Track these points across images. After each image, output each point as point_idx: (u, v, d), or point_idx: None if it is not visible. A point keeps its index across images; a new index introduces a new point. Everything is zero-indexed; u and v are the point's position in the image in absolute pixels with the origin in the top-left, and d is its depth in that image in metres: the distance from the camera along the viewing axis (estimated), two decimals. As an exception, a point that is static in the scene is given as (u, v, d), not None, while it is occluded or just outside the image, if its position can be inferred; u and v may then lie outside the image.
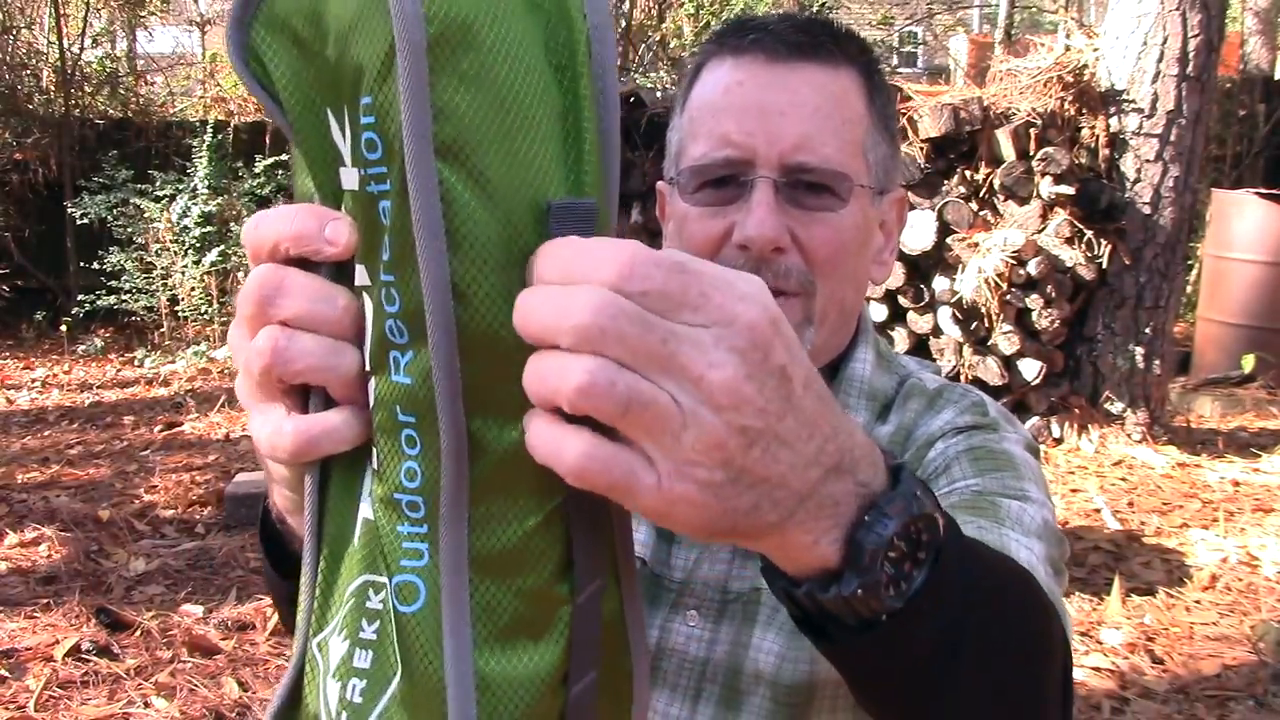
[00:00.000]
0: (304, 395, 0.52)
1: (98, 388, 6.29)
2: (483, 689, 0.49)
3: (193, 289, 6.90)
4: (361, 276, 0.50)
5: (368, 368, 0.50)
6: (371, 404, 0.50)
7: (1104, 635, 3.13)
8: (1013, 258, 4.66)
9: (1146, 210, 4.92)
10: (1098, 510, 4.15)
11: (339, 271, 0.51)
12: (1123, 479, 4.56)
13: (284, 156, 7.75)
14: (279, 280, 0.50)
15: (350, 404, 0.51)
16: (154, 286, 6.92)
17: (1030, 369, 4.87)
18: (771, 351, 0.45)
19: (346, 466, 0.53)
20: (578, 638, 0.51)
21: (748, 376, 0.44)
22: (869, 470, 0.52)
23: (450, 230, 0.46)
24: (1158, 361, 5.02)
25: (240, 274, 7.05)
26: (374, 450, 0.51)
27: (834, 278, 0.93)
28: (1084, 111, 4.97)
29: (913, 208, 4.82)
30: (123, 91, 9.04)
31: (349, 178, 0.50)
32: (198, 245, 6.94)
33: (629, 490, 0.45)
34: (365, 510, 0.52)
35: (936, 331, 4.89)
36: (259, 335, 0.51)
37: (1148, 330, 4.98)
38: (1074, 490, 4.40)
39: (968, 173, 4.84)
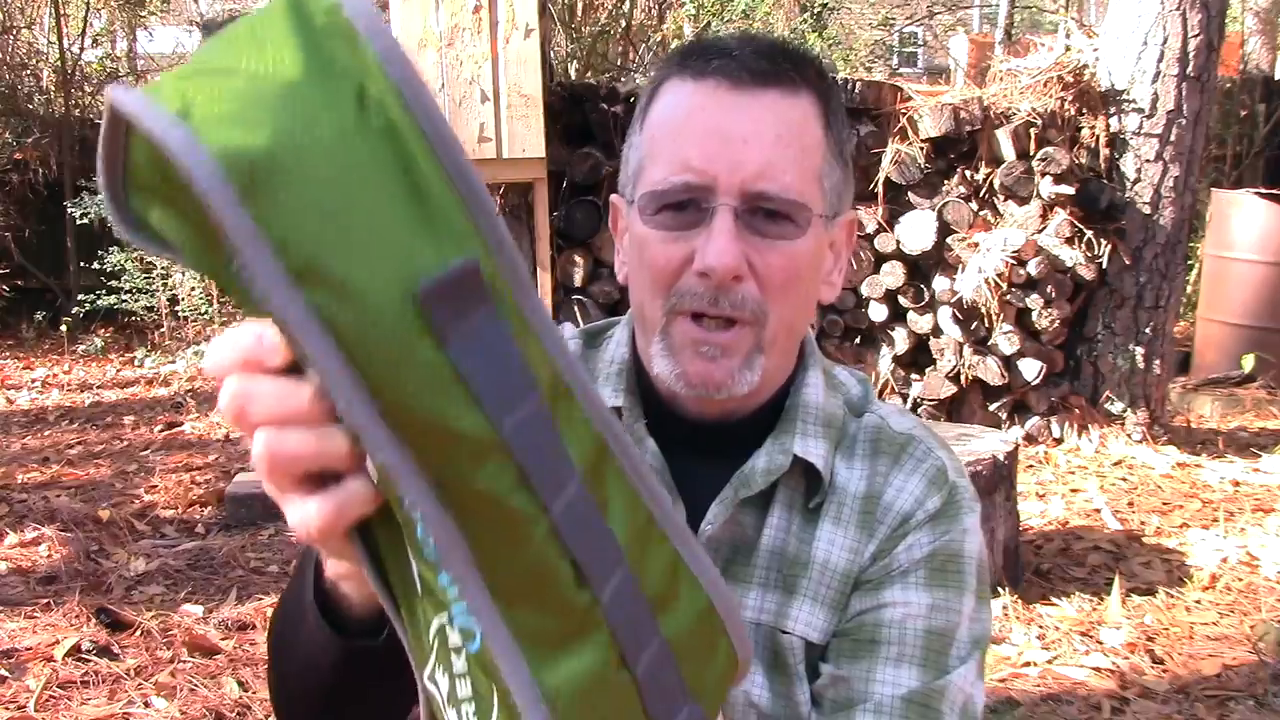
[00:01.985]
0: (318, 479, 0.55)
1: (98, 388, 6.29)
2: (551, 703, 0.52)
3: (193, 289, 6.90)
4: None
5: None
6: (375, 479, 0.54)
7: (1104, 635, 3.13)
8: (1013, 258, 4.66)
9: (1146, 210, 4.92)
10: (1098, 510, 4.15)
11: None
12: (1123, 479, 4.56)
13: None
14: (244, 391, 0.54)
15: (358, 470, 0.55)
16: (154, 286, 6.92)
17: (1030, 369, 4.87)
18: None
19: (384, 525, 0.56)
20: (616, 622, 0.53)
21: None
22: None
23: (341, 344, 0.47)
24: (1158, 361, 5.02)
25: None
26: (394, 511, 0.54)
27: (786, 304, 0.96)
28: (1084, 111, 4.97)
29: (913, 208, 4.82)
30: (123, 92, 9.03)
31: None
32: (198, 245, 6.94)
33: None
34: (414, 564, 0.55)
35: (936, 331, 4.89)
36: (254, 442, 0.54)
37: (1148, 330, 4.98)
38: (1074, 490, 4.40)
39: (968, 173, 4.84)
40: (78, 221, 7.18)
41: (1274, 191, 6.12)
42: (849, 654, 0.99)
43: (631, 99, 4.99)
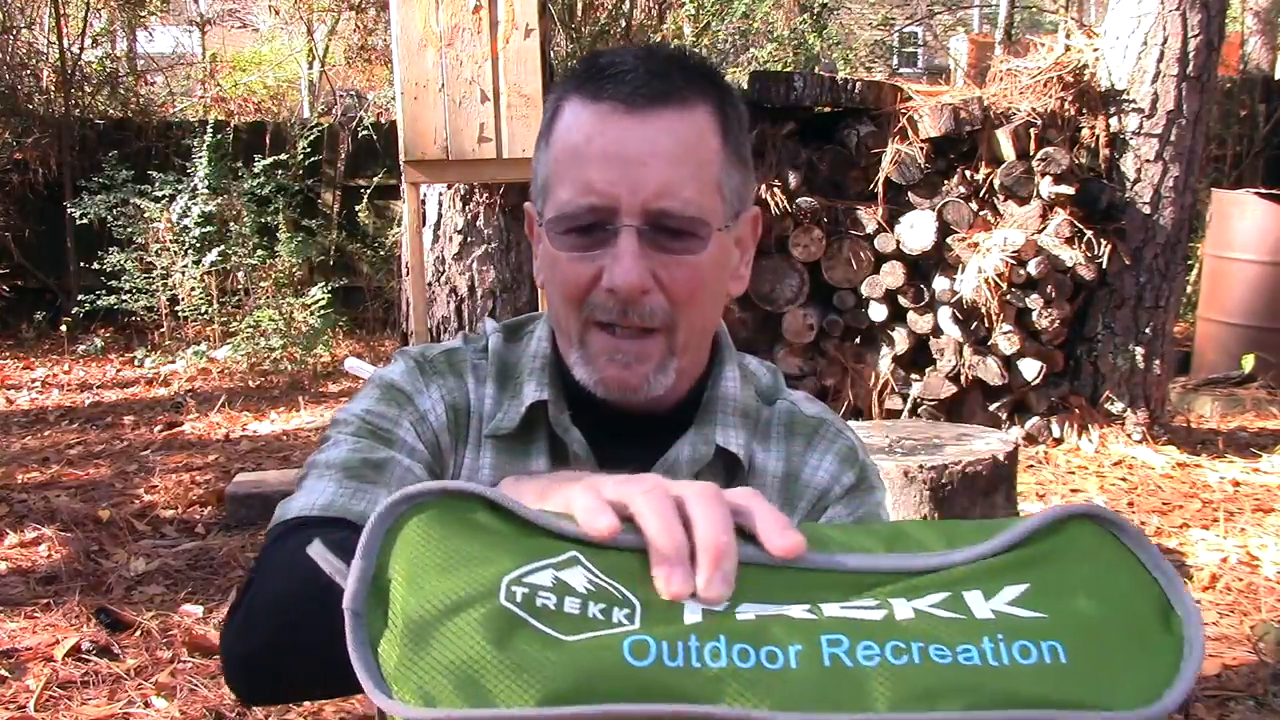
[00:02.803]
0: None
1: (98, 388, 6.29)
2: None
3: (193, 289, 6.90)
4: None
5: None
6: None
7: (1104, 635, 3.13)
8: (1013, 258, 4.66)
9: (1146, 210, 4.92)
10: (1098, 510, 4.15)
11: None
12: (1123, 479, 4.56)
13: (283, 156, 7.75)
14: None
15: None
16: (154, 286, 6.92)
17: (1030, 369, 4.87)
18: None
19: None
20: None
21: None
22: None
23: None
24: (1158, 361, 5.02)
25: (239, 274, 7.06)
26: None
27: (694, 311, 1.01)
28: (1084, 111, 4.97)
29: (913, 208, 4.82)
30: (123, 91, 9.03)
31: None
32: (198, 245, 6.94)
33: None
34: None
35: (936, 331, 4.89)
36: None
37: (1148, 330, 4.98)
38: (1074, 490, 4.40)
39: (968, 173, 4.84)
40: (78, 221, 7.18)
41: (1274, 191, 6.12)
42: None
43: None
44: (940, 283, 4.82)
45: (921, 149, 4.78)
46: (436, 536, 0.58)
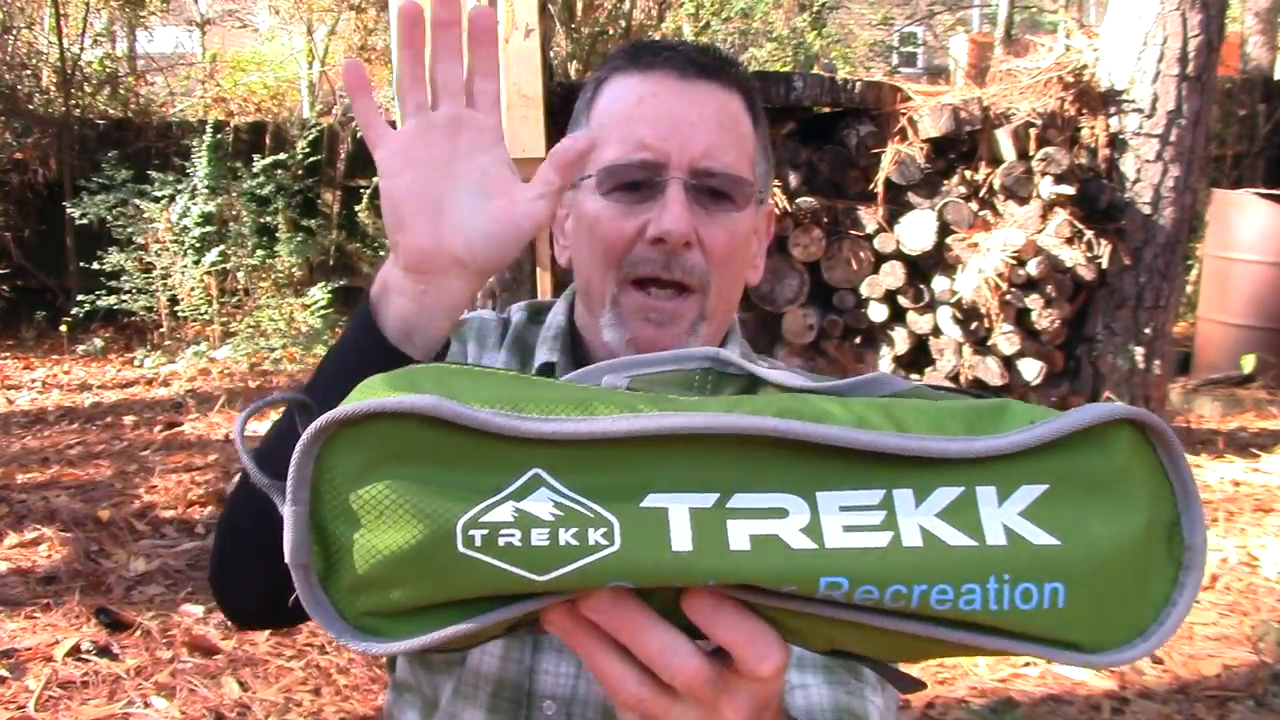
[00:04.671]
0: None
1: (98, 388, 6.29)
2: None
3: (192, 289, 6.90)
4: None
5: None
6: None
7: (1104, 635, 3.13)
8: (1013, 258, 4.66)
9: (1146, 210, 4.92)
10: (1098, 510, 4.15)
11: None
12: (1123, 479, 4.56)
13: (283, 156, 7.75)
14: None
15: None
16: (154, 286, 6.92)
17: (1030, 369, 4.87)
18: None
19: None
20: None
21: None
22: None
23: None
24: (1158, 362, 5.02)
25: (239, 274, 7.06)
26: None
27: (726, 276, 1.05)
28: (1084, 111, 4.97)
29: (913, 208, 4.82)
30: (123, 91, 9.03)
31: None
32: (197, 245, 6.94)
33: None
34: None
35: (936, 331, 4.89)
36: None
37: (1148, 330, 4.98)
38: (1074, 490, 4.39)
39: (968, 173, 4.84)
40: (78, 221, 7.18)
41: (1274, 191, 6.12)
42: None
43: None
44: (940, 283, 4.82)
45: (921, 149, 4.78)
46: (374, 473, 0.52)
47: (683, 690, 0.56)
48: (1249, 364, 5.86)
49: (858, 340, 4.96)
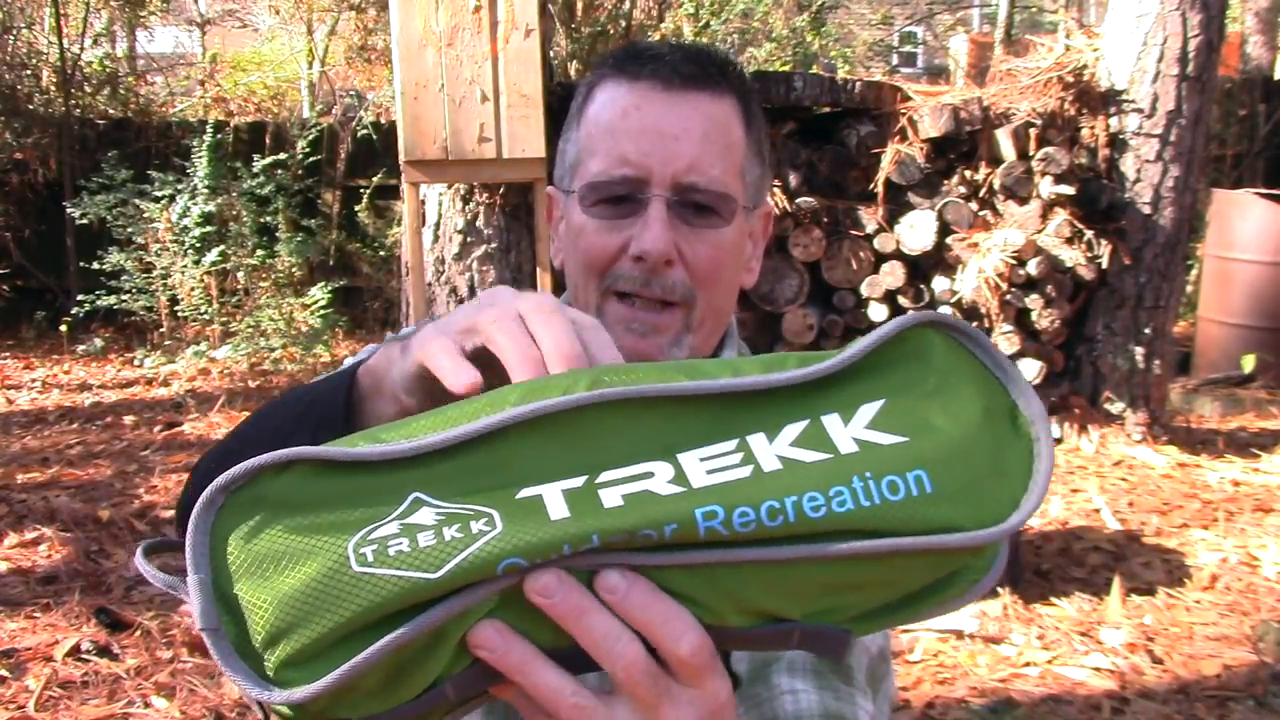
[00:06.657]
0: None
1: (98, 388, 6.29)
2: None
3: (192, 289, 6.89)
4: None
5: None
6: None
7: (1104, 635, 3.13)
8: (1013, 258, 4.66)
9: (1146, 210, 4.92)
10: (1098, 510, 4.15)
11: None
12: (1123, 479, 4.56)
13: (283, 156, 7.74)
14: None
15: None
16: (154, 286, 6.92)
17: (1030, 369, 4.87)
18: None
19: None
20: None
21: None
22: None
23: None
24: (1158, 362, 5.02)
25: (239, 274, 7.06)
26: None
27: (712, 290, 1.04)
28: (1084, 111, 4.97)
29: (913, 208, 4.82)
30: (123, 91, 9.03)
31: None
32: (197, 245, 6.93)
33: None
34: None
35: (936, 331, 4.89)
36: None
37: (1148, 330, 4.98)
38: (1074, 490, 4.40)
39: (968, 173, 4.84)
40: (78, 221, 7.17)
41: (1274, 191, 6.12)
42: None
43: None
44: (940, 283, 4.82)
45: (921, 149, 4.78)
46: (266, 528, 0.55)
47: (624, 680, 0.55)
48: (1249, 364, 5.86)
49: (858, 340, 4.95)
